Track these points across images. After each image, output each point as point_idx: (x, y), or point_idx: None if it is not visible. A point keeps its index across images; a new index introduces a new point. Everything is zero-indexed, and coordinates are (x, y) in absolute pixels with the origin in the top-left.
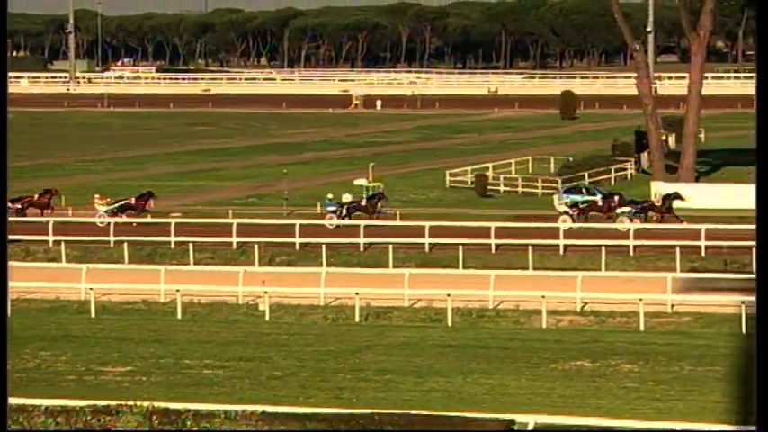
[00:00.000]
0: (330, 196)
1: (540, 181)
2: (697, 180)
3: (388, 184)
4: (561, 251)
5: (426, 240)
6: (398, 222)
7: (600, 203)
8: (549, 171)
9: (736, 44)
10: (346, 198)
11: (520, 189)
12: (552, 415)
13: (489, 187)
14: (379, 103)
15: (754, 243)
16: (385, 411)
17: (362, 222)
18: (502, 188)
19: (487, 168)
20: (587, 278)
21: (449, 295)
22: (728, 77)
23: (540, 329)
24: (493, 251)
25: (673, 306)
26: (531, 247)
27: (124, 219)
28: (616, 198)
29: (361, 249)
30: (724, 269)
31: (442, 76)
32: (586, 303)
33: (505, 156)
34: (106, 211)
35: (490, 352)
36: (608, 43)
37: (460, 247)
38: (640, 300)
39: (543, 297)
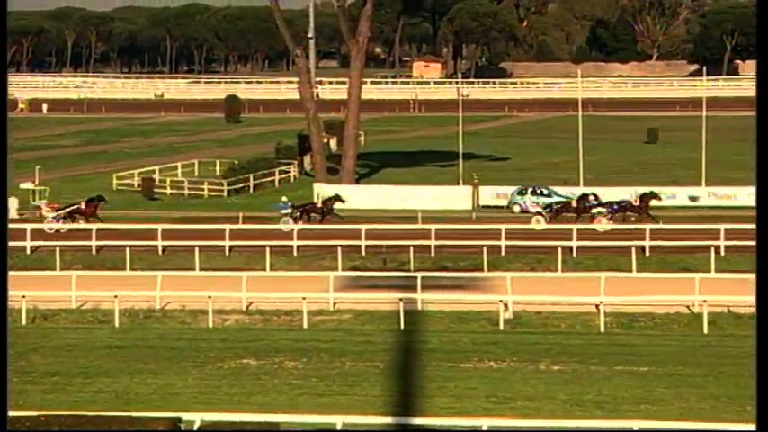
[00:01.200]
0: (284, 199)
1: (206, 183)
2: (357, 181)
3: (55, 187)
4: (227, 252)
5: (93, 243)
6: (67, 225)
7: (574, 204)
8: (215, 174)
9: (394, 50)
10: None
11: (186, 191)
12: (218, 412)
13: (156, 190)
14: (45, 107)
15: (411, 242)
16: (52, 413)
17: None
18: (168, 191)
19: (154, 171)
20: (252, 278)
21: (116, 297)
22: (386, 82)
23: (206, 329)
24: (160, 253)
25: (335, 304)
26: (197, 249)
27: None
28: (591, 198)
29: (28, 252)
30: (383, 267)
31: (108, 80)
32: (252, 303)
33: (172, 159)
34: (54, 217)
35: (157, 352)
36: (271, 48)
37: (128, 248)
38: (304, 298)
39: (209, 297)
